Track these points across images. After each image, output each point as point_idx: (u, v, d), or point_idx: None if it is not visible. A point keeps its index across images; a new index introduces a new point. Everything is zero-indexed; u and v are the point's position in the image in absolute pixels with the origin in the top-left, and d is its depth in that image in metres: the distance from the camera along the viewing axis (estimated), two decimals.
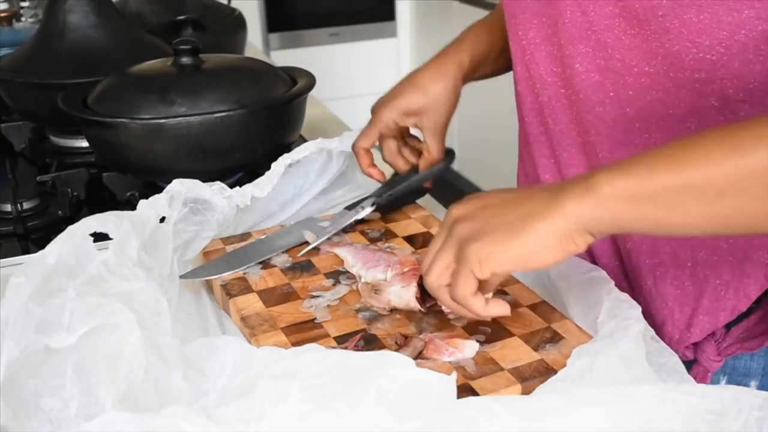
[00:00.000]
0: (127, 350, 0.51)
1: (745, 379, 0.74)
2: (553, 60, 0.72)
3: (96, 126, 0.99)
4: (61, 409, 0.49)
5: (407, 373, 0.48)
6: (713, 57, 0.60)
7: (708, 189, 0.50)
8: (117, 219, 0.65)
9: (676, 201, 0.51)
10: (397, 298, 0.69)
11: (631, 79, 0.66)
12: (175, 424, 0.45)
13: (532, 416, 0.48)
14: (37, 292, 0.56)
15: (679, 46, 0.61)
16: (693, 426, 0.49)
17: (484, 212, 0.57)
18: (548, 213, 0.53)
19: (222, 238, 0.84)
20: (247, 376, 0.50)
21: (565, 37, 0.69)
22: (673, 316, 0.73)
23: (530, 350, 0.64)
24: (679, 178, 0.50)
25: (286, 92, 1.03)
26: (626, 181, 0.52)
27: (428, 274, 0.60)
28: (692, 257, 0.70)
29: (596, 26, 0.67)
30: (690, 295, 0.72)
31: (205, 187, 0.79)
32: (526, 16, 0.74)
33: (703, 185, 0.50)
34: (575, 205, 0.53)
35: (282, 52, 3.50)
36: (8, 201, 1.00)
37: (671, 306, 0.73)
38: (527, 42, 0.74)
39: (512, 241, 0.54)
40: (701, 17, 0.59)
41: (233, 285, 0.75)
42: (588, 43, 0.68)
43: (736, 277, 0.68)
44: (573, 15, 0.68)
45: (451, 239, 0.58)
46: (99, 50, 1.20)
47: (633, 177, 0.51)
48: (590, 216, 0.52)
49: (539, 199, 0.55)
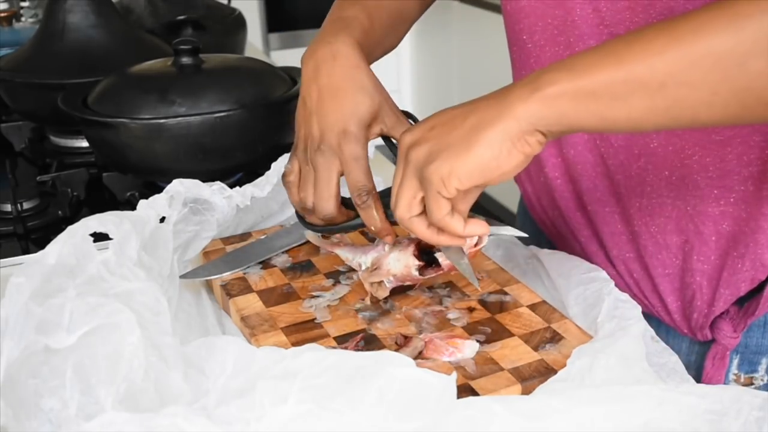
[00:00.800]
0: (127, 350, 0.51)
1: (757, 356, 0.75)
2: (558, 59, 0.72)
3: (96, 126, 0.99)
4: (61, 409, 0.49)
5: (407, 373, 0.48)
6: None
7: (650, 81, 0.50)
8: (117, 219, 0.65)
9: (619, 94, 0.51)
10: (396, 263, 0.69)
11: None
12: (175, 424, 0.45)
13: (532, 416, 0.48)
14: (37, 292, 0.56)
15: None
16: (693, 426, 0.49)
17: (435, 132, 0.56)
18: (498, 118, 0.53)
19: (222, 238, 0.84)
20: (247, 376, 0.50)
21: (575, 35, 0.70)
22: (701, 290, 0.74)
23: (530, 350, 0.64)
24: (621, 71, 0.50)
25: (286, 92, 1.03)
26: (570, 78, 0.51)
27: (397, 208, 0.59)
28: (716, 231, 0.71)
29: (608, 20, 0.67)
30: (716, 269, 0.72)
31: (205, 187, 0.79)
32: (531, 19, 0.74)
33: (645, 77, 0.50)
34: (523, 106, 0.52)
35: (282, 52, 3.50)
36: (8, 201, 1.00)
37: (699, 281, 0.74)
38: (533, 45, 0.74)
39: (468, 153, 0.54)
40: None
41: (233, 285, 0.75)
42: (600, 38, 0.68)
43: (751, 249, 0.70)
44: (583, 11, 0.68)
45: (410, 166, 0.57)
46: (99, 50, 1.20)
47: (576, 74, 0.51)
48: (539, 115, 0.52)
49: (487, 107, 0.54)
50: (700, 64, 0.48)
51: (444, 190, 0.55)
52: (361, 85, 0.68)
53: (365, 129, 0.68)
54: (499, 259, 0.83)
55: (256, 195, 0.83)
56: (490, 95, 0.56)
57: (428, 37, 3.63)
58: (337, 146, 0.67)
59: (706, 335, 0.75)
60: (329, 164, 0.67)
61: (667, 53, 0.49)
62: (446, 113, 0.58)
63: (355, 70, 0.68)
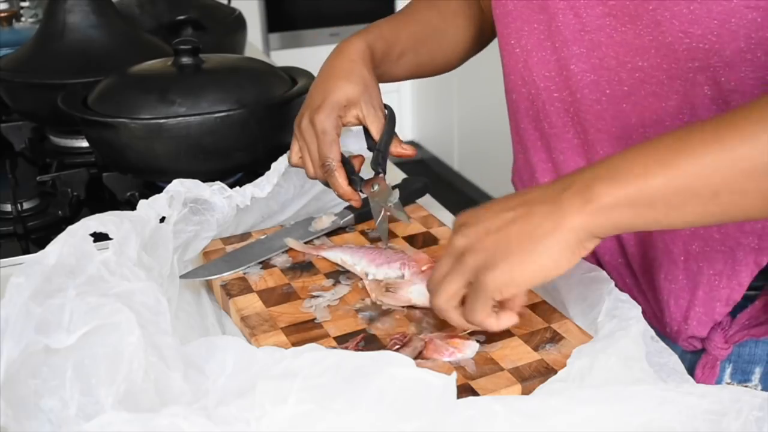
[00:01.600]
0: (127, 350, 0.51)
1: (750, 366, 0.74)
2: (545, 64, 0.73)
3: (96, 126, 0.99)
4: (61, 409, 0.49)
5: (407, 373, 0.48)
6: (705, 46, 0.61)
7: (703, 191, 0.51)
8: (117, 219, 0.65)
9: (673, 204, 0.52)
10: (423, 297, 0.68)
11: (625, 75, 0.67)
12: (175, 424, 0.45)
13: (532, 416, 0.48)
14: (37, 292, 0.56)
15: (672, 38, 0.62)
16: (693, 426, 0.49)
17: (490, 240, 0.56)
18: (555, 230, 0.54)
19: (222, 238, 0.84)
20: (247, 376, 0.50)
21: (559, 40, 0.70)
22: (669, 309, 0.74)
23: (530, 350, 0.64)
24: (675, 182, 0.51)
25: (286, 92, 1.03)
26: (624, 190, 0.52)
27: (437, 298, 0.60)
28: (685, 251, 0.71)
29: (589, 26, 0.68)
30: (684, 289, 0.73)
31: (205, 187, 0.79)
32: (518, 24, 0.74)
33: (698, 188, 0.51)
34: (578, 218, 0.53)
35: (282, 52, 3.50)
36: (8, 201, 1.00)
37: (666, 299, 0.74)
38: (520, 49, 0.75)
39: (528, 263, 0.55)
40: (692, 7, 0.60)
41: (233, 285, 0.75)
42: (582, 43, 0.69)
43: (729, 266, 0.70)
44: (566, 18, 0.69)
45: (463, 268, 0.58)
46: (99, 50, 1.21)
47: (630, 185, 0.52)
48: (594, 225, 0.54)
49: (542, 216, 0.55)
50: (753, 174, 0.50)
51: (499, 295, 0.56)
52: (348, 74, 0.77)
53: (338, 108, 0.76)
54: None
55: (256, 195, 0.83)
56: (543, 195, 0.56)
57: None
58: (312, 118, 0.77)
59: (696, 345, 0.75)
60: (308, 134, 0.77)
61: (718, 163, 0.50)
62: (499, 216, 0.57)
63: (349, 63, 0.78)
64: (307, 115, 0.77)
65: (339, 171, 0.76)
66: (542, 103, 0.76)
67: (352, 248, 0.79)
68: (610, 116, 0.70)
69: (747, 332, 0.72)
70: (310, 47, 3.53)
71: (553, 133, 0.76)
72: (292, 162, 0.81)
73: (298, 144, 0.79)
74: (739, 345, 0.74)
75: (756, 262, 0.68)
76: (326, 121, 0.75)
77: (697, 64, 0.62)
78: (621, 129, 0.71)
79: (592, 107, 0.71)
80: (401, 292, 0.70)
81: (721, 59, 0.61)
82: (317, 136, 0.76)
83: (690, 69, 0.63)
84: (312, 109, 0.77)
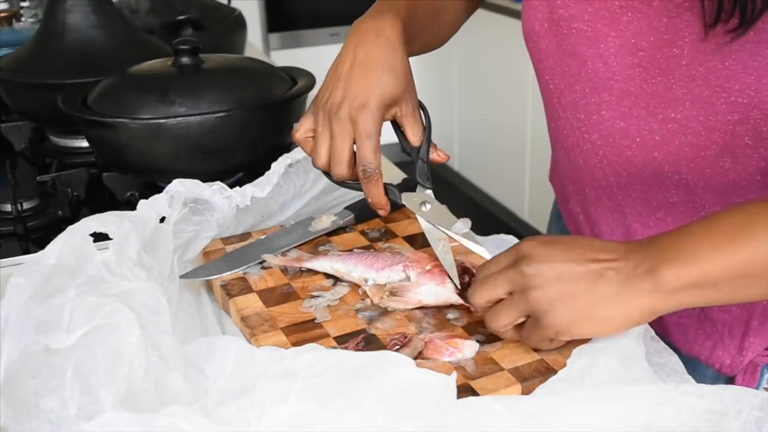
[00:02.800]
0: (127, 350, 0.51)
1: None
2: (576, 107, 0.73)
3: (96, 126, 0.99)
4: (61, 409, 0.49)
5: (407, 373, 0.48)
6: (744, 100, 0.61)
7: (764, 273, 0.54)
8: (117, 219, 0.65)
9: (737, 287, 0.56)
10: (434, 296, 0.69)
11: (656, 125, 0.68)
12: (175, 424, 0.45)
13: (532, 416, 0.48)
14: (37, 292, 0.56)
15: (709, 92, 0.63)
16: (693, 426, 0.49)
17: (560, 286, 0.58)
18: (624, 305, 0.57)
19: (222, 238, 0.84)
20: (247, 376, 0.50)
21: (589, 87, 0.71)
22: (723, 341, 0.74)
23: (530, 350, 0.64)
24: (739, 266, 0.55)
25: (286, 92, 1.03)
26: (691, 275, 0.55)
27: (494, 323, 0.61)
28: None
29: (618, 76, 0.68)
30: (738, 320, 0.73)
31: (206, 187, 0.79)
32: (550, 63, 0.74)
33: (759, 271, 0.54)
34: (647, 300, 0.56)
35: (282, 52, 3.50)
36: (8, 201, 1.00)
37: (721, 330, 0.74)
38: (554, 87, 0.75)
39: (590, 325, 0.58)
40: (726, 64, 0.60)
41: (233, 285, 0.75)
42: (611, 92, 0.69)
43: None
44: (594, 65, 0.69)
45: (523, 300, 0.59)
46: (99, 50, 1.20)
47: (696, 268, 0.55)
48: (661, 306, 0.56)
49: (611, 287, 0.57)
50: None
51: (554, 336, 0.59)
52: (392, 67, 0.69)
53: (383, 108, 0.69)
54: None
55: (257, 195, 0.83)
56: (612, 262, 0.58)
57: None
58: (354, 117, 0.68)
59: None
60: (344, 131, 0.69)
61: None
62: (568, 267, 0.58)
63: (392, 52, 0.70)
64: (346, 109, 0.68)
65: (380, 180, 0.70)
66: (575, 141, 0.76)
67: (342, 255, 0.76)
68: (641, 163, 0.71)
69: None
70: (310, 47, 3.53)
71: (587, 170, 0.77)
72: (297, 138, 0.73)
73: (319, 130, 0.70)
74: None
75: None
76: (372, 125, 0.68)
77: (737, 116, 0.63)
78: (653, 176, 0.71)
79: (623, 153, 0.72)
80: (409, 295, 0.69)
81: (761, 111, 0.61)
82: (359, 138, 0.69)
83: (729, 122, 0.63)
84: (354, 105, 0.68)
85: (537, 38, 0.75)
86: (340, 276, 0.75)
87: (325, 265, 0.76)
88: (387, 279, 0.72)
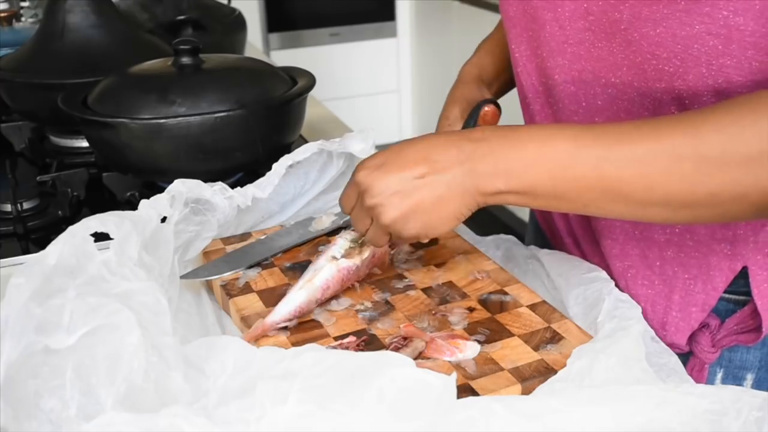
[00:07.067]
0: (127, 350, 0.51)
1: (742, 371, 0.74)
2: (538, 72, 0.76)
3: (96, 126, 0.99)
4: (61, 409, 0.49)
5: (407, 373, 0.48)
6: (670, 69, 0.63)
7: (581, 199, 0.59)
8: (118, 219, 0.65)
9: (554, 205, 0.60)
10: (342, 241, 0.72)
11: (599, 89, 0.70)
12: (175, 424, 0.45)
13: (532, 416, 0.48)
14: (38, 292, 0.56)
15: (641, 58, 0.64)
16: (693, 426, 0.49)
17: (397, 200, 0.62)
18: (448, 206, 0.61)
19: (222, 238, 0.84)
20: (247, 376, 0.50)
21: (546, 50, 0.73)
22: (646, 315, 0.74)
23: (530, 350, 0.64)
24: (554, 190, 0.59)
25: (286, 92, 1.03)
26: (508, 186, 0.59)
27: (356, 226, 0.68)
28: (660, 256, 0.72)
29: (571, 39, 0.70)
30: (660, 294, 0.74)
31: (207, 187, 0.79)
32: (516, 30, 0.77)
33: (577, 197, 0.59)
34: (470, 200, 0.61)
35: (282, 52, 3.50)
36: (8, 201, 1.00)
37: (644, 305, 0.74)
38: (519, 55, 0.77)
39: (438, 221, 0.63)
40: (657, 30, 0.62)
41: (233, 285, 0.75)
42: (565, 55, 0.71)
43: (704, 271, 0.71)
44: (552, 29, 0.71)
45: (371, 221, 0.65)
46: (99, 50, 1.20)
47: (514, 183, 0.59)
48: (483, 202, 0.61)
49: (436, 191, 0.61)
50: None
51: (413, 240, 0.65)
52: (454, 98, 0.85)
53: None
54: (499, 259, 0.83)
55: (258, 196, 0.83)
56: (445, 162, 0.61)
57: (428, 37, 3.63)
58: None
59: (682, 348, 0.75)
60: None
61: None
62: (407, 182, 0.62)
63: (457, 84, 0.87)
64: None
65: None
66: (537, 109, 0.78)
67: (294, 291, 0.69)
68: None
69: (735, 338, 0.73)
70: (310, 47, 3.53)
71: None
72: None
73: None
74: (730, 350, 0.74)
75: (730, 268, 0.70)
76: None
77: (664, 84, 0.65)
78: None
79: (570, 118, 0.73)
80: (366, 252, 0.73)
81: (685, 83, 0.63)
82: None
83: (657, 89, 0.65)
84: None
85: (506, 5, 0.77)
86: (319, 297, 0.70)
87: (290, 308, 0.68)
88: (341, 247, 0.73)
